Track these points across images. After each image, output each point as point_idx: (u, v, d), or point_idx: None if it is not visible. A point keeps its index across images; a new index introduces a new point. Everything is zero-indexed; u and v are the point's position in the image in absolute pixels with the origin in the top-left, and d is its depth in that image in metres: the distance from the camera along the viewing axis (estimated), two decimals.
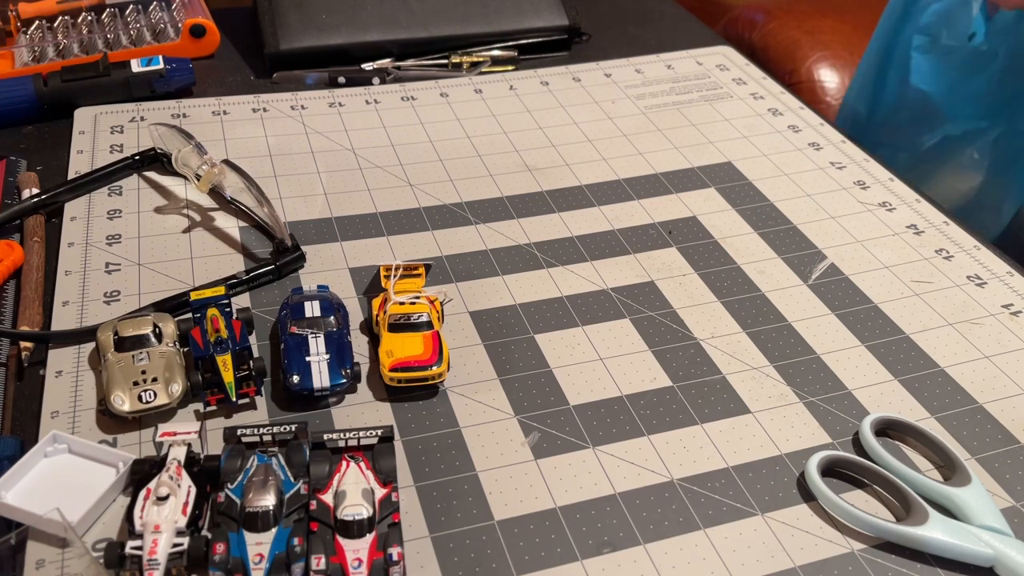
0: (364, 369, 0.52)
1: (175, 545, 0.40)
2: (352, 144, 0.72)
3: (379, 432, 0.45)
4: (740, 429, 0.50)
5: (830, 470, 0.47)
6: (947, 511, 0.45)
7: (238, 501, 0.42)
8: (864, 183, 0.71)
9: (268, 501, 0.41)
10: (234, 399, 0.48)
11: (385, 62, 0.83)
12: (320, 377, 0.49)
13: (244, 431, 0.45)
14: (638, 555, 0.43)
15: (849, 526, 0.44)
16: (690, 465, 0.47)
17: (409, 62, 0.84)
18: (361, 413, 0.49)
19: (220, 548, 0.39)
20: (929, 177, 0.93)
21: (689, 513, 0.45)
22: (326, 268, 0.59)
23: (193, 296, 0.52)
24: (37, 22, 0.82)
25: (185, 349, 0.51)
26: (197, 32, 0.83)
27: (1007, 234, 0.89)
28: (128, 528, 0.41)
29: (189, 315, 0.51)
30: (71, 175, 0.66)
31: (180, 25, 0.83)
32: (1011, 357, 0.55)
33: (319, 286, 0.55)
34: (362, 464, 0.44)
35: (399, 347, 0.50)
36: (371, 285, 0.58)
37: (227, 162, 0.62)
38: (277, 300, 0.56)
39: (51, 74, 0.74)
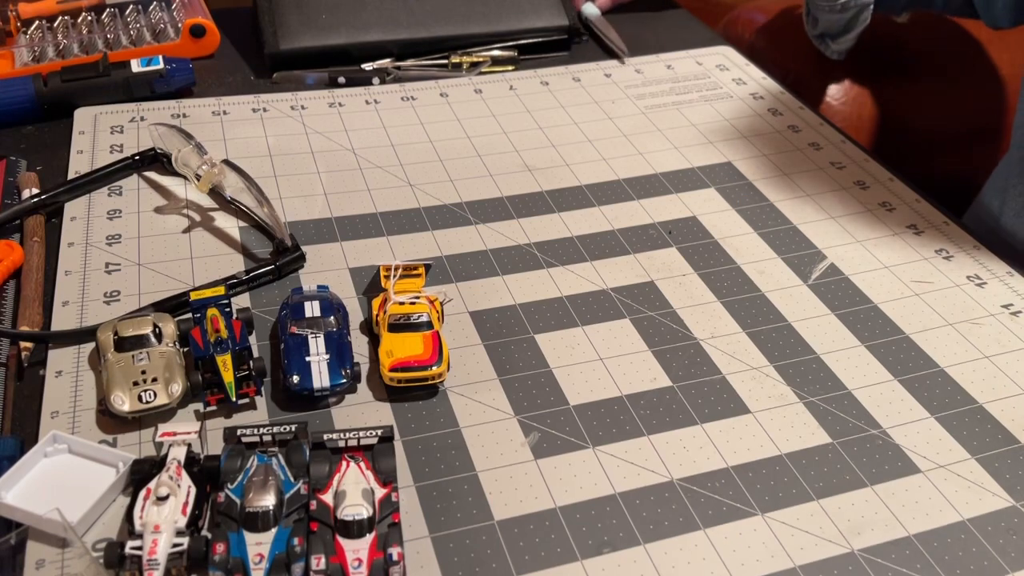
0: (364, 369, 0.52)
1: (175, 545, 0.40)
2: (352, 144, 0.72)
3: (379, 432, 0.45)
4: (740, 429, 0.49)
5: None
6: None
7: (238, 501, 0.42)
8: (864, 183, 0.71)
9: (268, 501, 0.41)
10: (234, 399, 0.48)
11: (385, 62, 0.83)
12: (320, 377, 0.49)
13: (244, 431, 0.45)
14: (638, 555, 0.43)
15: None
16: (690, 465, 0.47)
17: (409, 62, 0.84)
18: (361, 413, 0.49)
19: (220, 548, 0.40)
20: None
21: (689, 513, 0.45)
22: (326, 268, 0.59)
23: (193, 296, 0.52)
24: (37, 22, 0.82)
25: (185, 349, 0.51)
26: (197, 32, 0.83)
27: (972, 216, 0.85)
28: (128, 528, 0.41)
29: (189, 315, 0.51)
30: (71, 175, 0.66)
31: (180, 25, 0.83)
32: (1011, 357, 0.55)
33: (319, 286, 0.55)
34: (362, 464, 0.44)
35: (399, 347, 0.50)
36: (371, 285, 0.58)
37: (227, 162, 0.62)
38: (277, 300, 0.56)
39: (51, 74, 0.74)
